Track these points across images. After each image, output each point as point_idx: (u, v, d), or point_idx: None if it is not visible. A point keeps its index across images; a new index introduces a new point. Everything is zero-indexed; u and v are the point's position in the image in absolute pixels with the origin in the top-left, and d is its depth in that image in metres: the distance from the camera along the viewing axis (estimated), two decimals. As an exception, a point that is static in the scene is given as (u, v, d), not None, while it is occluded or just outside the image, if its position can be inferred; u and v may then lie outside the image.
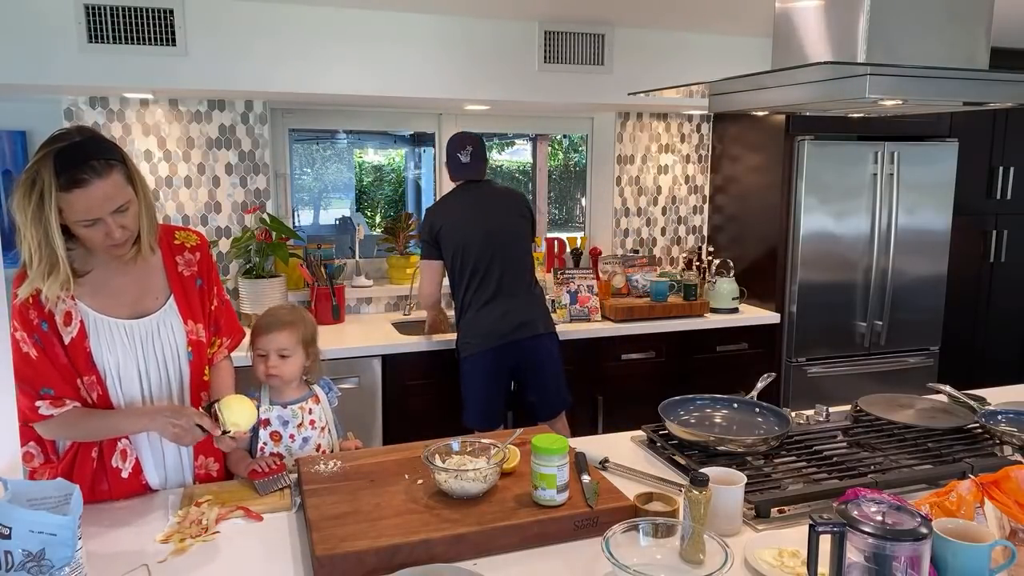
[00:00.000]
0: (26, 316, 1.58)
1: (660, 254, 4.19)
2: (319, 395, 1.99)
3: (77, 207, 1.50)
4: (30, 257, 1.52)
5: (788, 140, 3.56)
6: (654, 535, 1.39)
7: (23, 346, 1.58)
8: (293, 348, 1.91)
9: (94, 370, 1.64)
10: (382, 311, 3.72)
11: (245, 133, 3.40)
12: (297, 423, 1.91)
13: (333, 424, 2.01)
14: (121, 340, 1.67)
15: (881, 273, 3.72)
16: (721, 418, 2.02)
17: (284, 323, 1.91)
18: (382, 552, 1.37)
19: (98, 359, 1.64)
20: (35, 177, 1.48)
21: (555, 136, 5.11)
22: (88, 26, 2.78)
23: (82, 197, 1.49)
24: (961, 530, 1.29)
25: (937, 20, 1.86)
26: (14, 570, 1.20)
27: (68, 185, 1.48)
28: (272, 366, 1.89)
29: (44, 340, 1.59)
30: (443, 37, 3.27)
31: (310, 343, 1.97)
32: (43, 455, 1.70)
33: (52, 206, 1.47)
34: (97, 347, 1.64)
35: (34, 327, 1.58)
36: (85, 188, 1.49)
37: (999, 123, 4.04)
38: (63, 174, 1.47)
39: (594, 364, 3.41)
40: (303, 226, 4.27)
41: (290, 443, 1.90)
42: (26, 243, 1.51)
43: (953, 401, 2.21)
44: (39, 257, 1.51)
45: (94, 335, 1.63)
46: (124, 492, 1.71)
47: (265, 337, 1.90)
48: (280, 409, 1.91)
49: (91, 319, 1.63)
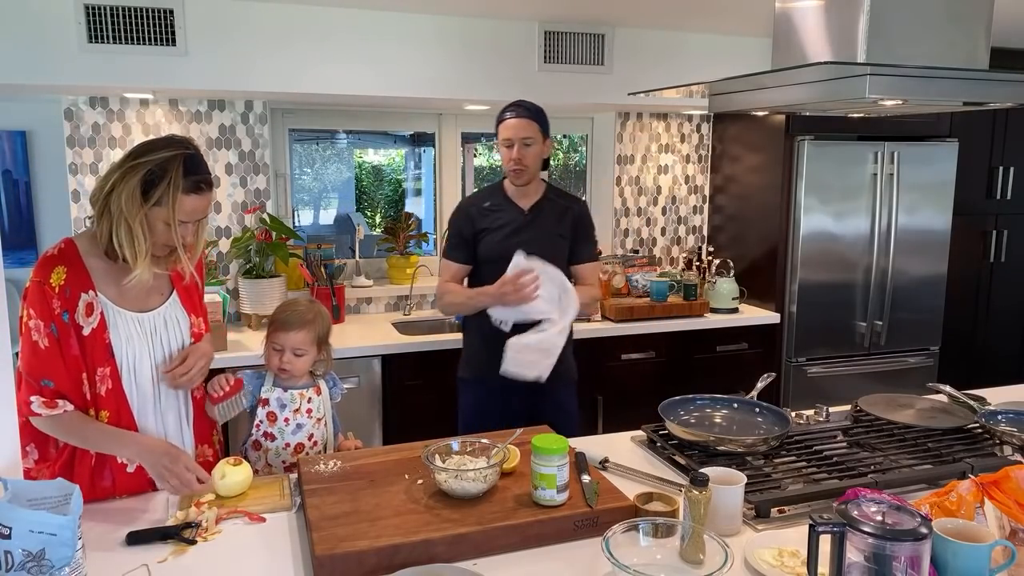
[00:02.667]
0: (47, 305, 1.60)
1: (660, 254, 4.19)
2: (321, 387, 2.01)
3: (186, 208, 1.63)
4: (130, 241, 1.60)
5: (788, 140, 3.56)
6: (654, 535, 1.39)
7: (34, 334, 1.60)
8: (309, 347, 1.96)
9: (111, 361, 1.67)
10: (382, 311, 3.72)
11: (245, 133, 3.40)
12: (294, 408, 1.94)
13: (331, 418, 2.03)
14: (136, 332, 1.71)
15: (881, 273, 3.72)
16: (721, 418, 2.02)
17: (304, 322, 1.95)
18: (382, 552, 1.37)
19: (116, 350, 1.68)
20: (162, 173, 1.59)
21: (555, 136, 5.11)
22: (88, 26, 2.78)
23: (196, 201, 1.64)
24: (961, 530, 1.29)
25: (937, 20, 1.86)
26: (14, 570, 1.20)
27: (191, 188, 1.62)
28: (286, 362, 1.94)
29: (61, 331, 1.61)
30: (443, 37, 3.27)
31: (324, 340, 2.01)
32: (37, 454, 1.70)
33: (170, 201, 1.60)
34: (116, 339, 1.68)
35: (54, 316, 1.61)
36: (200, 195, 1.65)
37: (999, 123, 4.04)
38: (189, 176, 1.62)
39: (594, 364, 3.40)
40: (303, 226, 4.27)
41: (284, 426, 1.93)
42: (127, 227, 1.60)
43: (953, 401, 2.21)
44: (142, 241, 1.61)
45: (113, 327, 1.68)
46: (127, 486, 1.72)
47: (284, 335, 1.94)
48: (280, 392, 1.95)
49: (110, 311, 1.68)
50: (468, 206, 2.55)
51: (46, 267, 1.63)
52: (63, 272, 1.62)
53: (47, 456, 1.71)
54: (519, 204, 2.51)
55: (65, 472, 1.68)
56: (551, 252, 2.42)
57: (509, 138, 2.40)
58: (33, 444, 1.70)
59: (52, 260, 1.64)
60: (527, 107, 2.44)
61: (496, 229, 2.48)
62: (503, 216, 2.48)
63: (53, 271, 1.62)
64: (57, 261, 1.63)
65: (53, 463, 1.69)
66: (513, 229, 2.47)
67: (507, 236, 2.46)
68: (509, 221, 2.48)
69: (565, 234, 2.52)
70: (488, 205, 2.52)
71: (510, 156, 2.41)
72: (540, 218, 2.50)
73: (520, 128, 2.40)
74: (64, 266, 1.63)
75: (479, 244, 2.49)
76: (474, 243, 2.50)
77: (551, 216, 2.51)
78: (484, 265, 2.49)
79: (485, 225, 2.49)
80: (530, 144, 2.41)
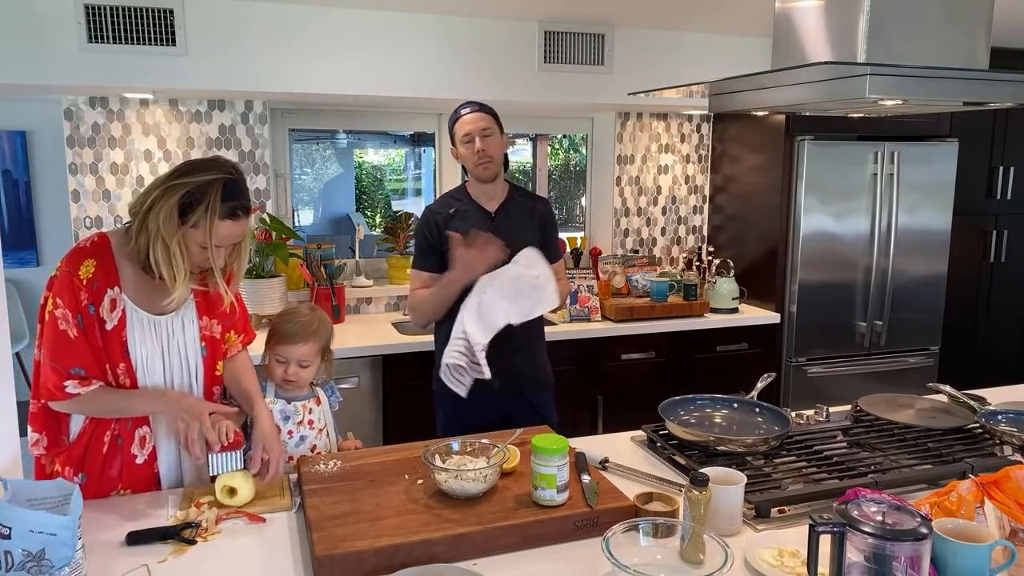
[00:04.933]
0: (76, 296, 1.62)
1: (660, 254, 4.19)
2: (321, 397, 2.00)
3: (221, 233, 1.64)
4: (167, 260, 1.61)
5: (788, 140, 3.56)
6: (654, 535, 1.39)
7: (62, 324, 1.61)
8: (314, 357, 1.93)
9: (126, 359, 1.69)
10: (382, 311, 3.72)
11: (245, 133, 3.40)
12: (297, 420, 1.92)
13: (332, 427, 2.01)
14: (151, 333, 1.73)
15: (881, 273, 3.72)
16: (721, 418, 2.02)
17: (309, 333, 1.92)
18: (382, 552, 1.37)
19: (132, 349, 1.70)
20: (200, 196, 1.60)
21: (555, 136, 5.11)
22: (88, 26, 2.78)
23: (231, 227, 1.65)
24: (961, 530, 1.29)
25: (937, 20, 1.86)
26: (14, 570, 1.20)
27: (227, 214, 1.63)
28: (291, 374, 1.91)
29: (87, 322, 1.63)
30: (443, 37, 3.27)
31: (327, 349, 1.99)
32: (47, 441, 1.71)
33: (207, 225, 1.61)
34: (132, 338, 1.69)
35: (81, 307, 1.62)
36: (236, 221, 1.65)
37: (999, 123, 4.04)
38: (227, 202, 1.62)
39: (594, 364, 3.41)
40: (303, 226, 4.27)
41: (287, 438, 1.91)
42: (163, 246, 1.60)
43: (953, 401, 2.21)
44: (180, 262, 1.62)
45: (130, 326, 1.69)
46: (133, 478, 1.73)
47: (288, 347, 1.90)
48: (284, 404, 1.93)
49: (130, 310, 1.69)
50: (432, 215, 2.45)
51: (76, 258, 1.64)
52: (92, 265, 1.64)
53: (59, 443, 1.71)
54: (485, 207, 2.44)
55: (77, 461, 1.69)
56: None
57: (469, 132, 2.35)
58: (44, 433, 1.70)
59: (83, 252, 1.65)
60: (479, 103, 2.41)
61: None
62: (469, 222, 2.40)
63: (82, 263, 1.63)
64: (88, 254, 1.65)
65: (67, 451, 1.70)
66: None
67: None
68: (478, 226, 2.38)
69: (536, 236, 2.46)
70: (453, 211, 2.43)
71: (474, 150, 2.36)
72: (508, 220, 2.44)
73: (477, 120, 2.35)
74: (94, 260, 1.64)
75: (447, 252, 2.37)
76: (442, 251, 2.40)
77: (519, 217, 2.46)
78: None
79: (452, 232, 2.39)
80: (489, 134, 2.36)
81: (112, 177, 3.25)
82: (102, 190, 3.25)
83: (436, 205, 2.52)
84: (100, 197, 3.25)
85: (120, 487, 1.73)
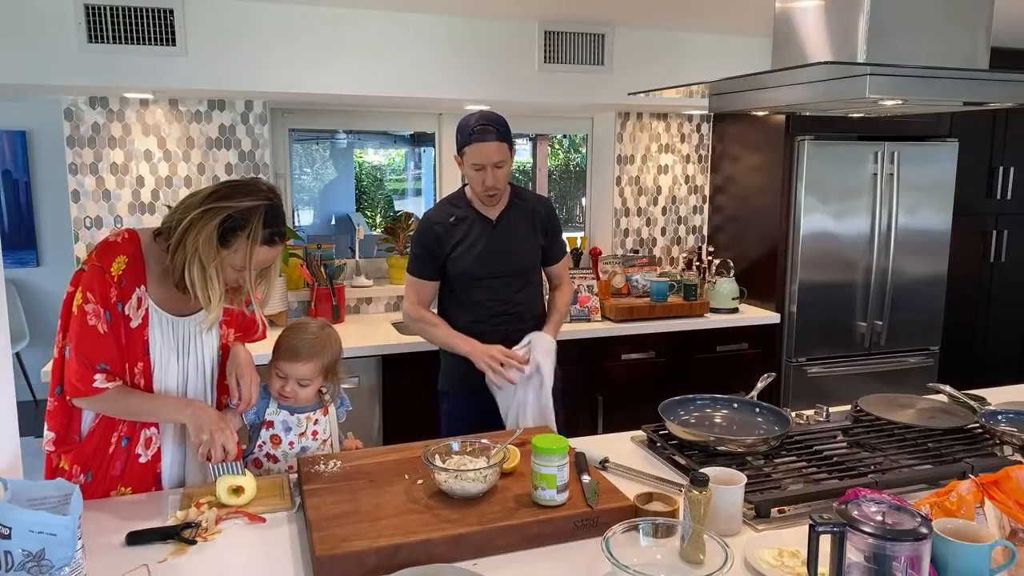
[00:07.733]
0: (107, 292, 1.62)
1: (660, 254, 4.19)
2: (329, 409, 1.96)
3: (259, 258, 1.66)
4: (203, 282, 1.61)
5: (788, 140, 3.56)
6: (654, 535, 1.39)
7: (91, 319, 1.61)
8: (314, 377, 1.88)
9: (145, 358, 1.70)
10: (382, 311, 3.72)
11: (245, 133, 3.40)
12: (300, 432, 1.89)
13: (337, 438, 1.99)
14: (171, 335, 1.74)
15: (881, 273, 3.72)
16: (721, 418, 2.02)
17: (312, 354, 1.85)
18: (382, 552, 1.37)
19: (152, 349, 1.70)
20: (243, 222, 1.61)
21: (555, 136, 5.11)
22: (88, 26, 2.78)
23: (268, 253, 1.67)
24: (961, 530, 1.29)
25: (937, 20, 1.86)
26: (14, 570, 1.20)
27: (267, 240, 1.65)
28: (289, 391, 1.86)
29: (114, 319, 1.64)
30: (443, 37, 3.27)
31: (332, 369, 1.93)
32: (55, 437, 1.71)
33: (247, 251, 1.63)
34: (153, 338, 1.70)
35: (110, 304, 1.63)
36: (273, 247, 1.68)
37: (999, 123, 4.04)
38: (267, 228, 1.64)
39: (594, 364, 3.41)
40: (303, 226, 4.27)
41: (288, 449, 1.88)
42: (200, 267, 1.60)
43: (953, 401, 2.21)
44: (216, 284, 1.62)
45: (152, 326, 1.70)
46: (134, 476, 1.74)
47: (289, 364, 1.85)
48: (287, 415, 1.89)
49: (152, 310, 1.70)
50: (433, 224, 2.38)
51: (108, 254, 1.63)
52: (123, 262, 1.64)
53: (68, 441, 1.71)
54: (486, 214, 2.39)
55: (85, 459, 1.70)
56: (528, 262, 2.40)
57: (481, 163, 2.26)
58: (56, 430, 1.70)
59: (115, 248, 1.65)
60: (496, 127, 2.28)
61: (466, 245, 2.35)
62: (472, 230, 2.35)
63: (115, 260, 1.63)
64: (120, 251, 1.65)
65: (76, 448, 1.70)
66: (485, 244, 2.36)
67: (480, 252, 2.36)
68: (479, 235, 2.35)
69: (540, 240, 2.45)
70: (453, 220, 2.37)
71: (482, 181, 2.28)
72: (510, 226, 2.40)
73: (493, 153, 2.25)
74: (126, 257, 1.64)
75: (449, 262, 2.36)
76: (444, 261, 2.38)
77: (521, 222, 2.42)
78: (456, 281, 2.40)
79: (454, 242, 2.36)
80: (502, 167, 2.29)
81: (112, 177, 3.25)
82: (102, 190, 3.25)
83: (435, 213, 2.43)
84: (100, 197, 3.25)
85: (121, 485, 1.73)
